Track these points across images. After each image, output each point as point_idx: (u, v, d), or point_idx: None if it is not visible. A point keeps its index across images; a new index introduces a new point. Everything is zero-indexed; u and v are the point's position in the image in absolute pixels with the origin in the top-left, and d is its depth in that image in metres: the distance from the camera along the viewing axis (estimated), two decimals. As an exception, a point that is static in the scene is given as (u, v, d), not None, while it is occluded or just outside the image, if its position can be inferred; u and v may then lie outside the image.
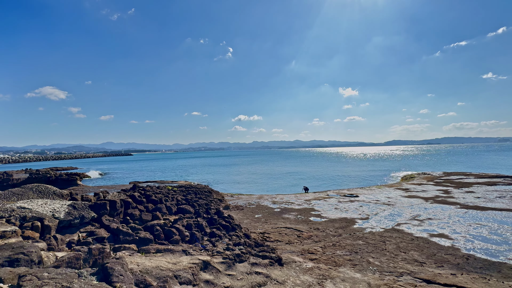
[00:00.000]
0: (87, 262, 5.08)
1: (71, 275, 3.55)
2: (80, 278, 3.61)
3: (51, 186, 11.63)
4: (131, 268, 5.75)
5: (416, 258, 10.63)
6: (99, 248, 5.67)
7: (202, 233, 10.14)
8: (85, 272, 4.02)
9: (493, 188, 26.85)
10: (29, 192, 10.49)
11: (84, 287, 3.24)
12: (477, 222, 15.76)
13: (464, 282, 8.31)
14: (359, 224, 16.12)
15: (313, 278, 8.37)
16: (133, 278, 4.52)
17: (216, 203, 17.73)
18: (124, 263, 4.76)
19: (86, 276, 3.87)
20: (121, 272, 4.32)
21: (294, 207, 21.22)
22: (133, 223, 9.85)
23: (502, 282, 8.53)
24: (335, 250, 11.41)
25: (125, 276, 4.29)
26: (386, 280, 8.53)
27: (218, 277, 7.23)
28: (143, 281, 4.62)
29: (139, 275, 4.80)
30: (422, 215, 17.65)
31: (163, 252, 7.82)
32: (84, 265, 4.95)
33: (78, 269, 4.21)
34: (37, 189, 10.82)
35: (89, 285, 3.35)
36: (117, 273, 4.22)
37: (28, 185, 11.18)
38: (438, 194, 24.67)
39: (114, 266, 4.40)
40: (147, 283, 4.60)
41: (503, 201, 20.88)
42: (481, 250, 11.73)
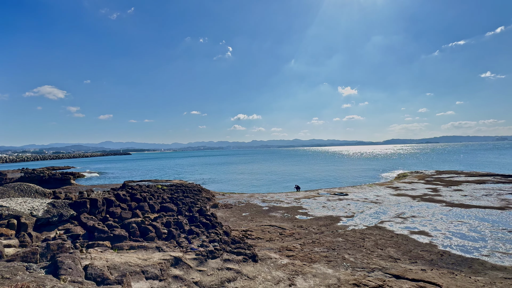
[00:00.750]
0: (45, 256, 5.24)
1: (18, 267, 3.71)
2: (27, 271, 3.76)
3: (34, 185, 11.78)
4: (97, 264, 5.92)
5: (391, 255, 10.85)
6: (58, 244, 5.84)
7: (180, 230, 10.33)
8: (35, 266, 4.18)
9: (481, 186, 27.13)
10: (10, 190, 10.64)
11: (27, 279, 3.41)
12: (459, 220, 16.01)
13: (431, 277, 8.53)
14: (343, 222, 16.34)
15: (285, 274, 8.56)
16: (83, 272, 4.70)
17: (203, 201, 17.90)
18: (76, 258, 4.95)
19: (35, 269, 4.03)
20: (70, 265, 4.50)
21: (282, 205, 21.42)
22: (112, 221, 10.03)
23: (469, 277, 8.76)
24: (313, 247, 11.62)
25: (74, 269, 4.46)
26: (357, 275, 8.74)
27: (188, 272, 7.42)
28: (100, 275, 4.81)
29: (97, 269, 4.99)
30: (406, 213, 17.88)
31: (137, 248, 8.00)
32: (42, 259, 5.12)
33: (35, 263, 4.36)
34: (19, 188, 10.98)
35: (32, 277, 3.52)
36: (66, 267, 4.40)
37: (10, 184, 11.34)
38: (426, 193, 24.93)
39: (64, 260, 4.57)
40: (105, 277, 4.79)
41: (489, 199, 21.15)
42: (458, 246, 11.96)
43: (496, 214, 17.01)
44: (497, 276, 8.93)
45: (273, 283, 7.81)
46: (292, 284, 7.89)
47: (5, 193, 10.10)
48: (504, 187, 26.33)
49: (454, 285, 8.00)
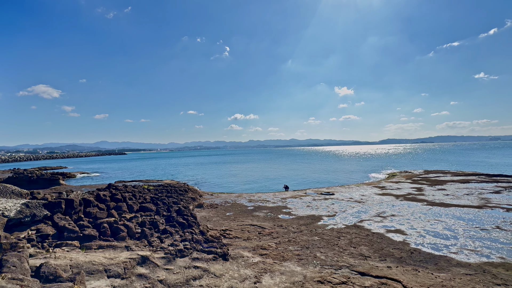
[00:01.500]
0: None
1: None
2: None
3: (10, 185, 11.80)
4: (59, 263, 6.06)
5: (363, 253, 11.12)
6: (12, 243, 5.96)
7: (155, 230, 10.48)
8: (-22, 264, 4.32)
9: (465, 185, 27.70)
10: (-15, 191, 10.70)
11: (-36, 277, 3.56)
12: (436, 218, 16.40)
13: (394, 274, 8.81)
14: (324, 221, 16.62)
15: (253, 272, 8.77)
16: (28, 270, 4.84)
17: (187, 201, 18.05)
18: (22, 256, 5.09)
19: (-22, 267, 4.17)
20: (15, 263, 4.65)
21: (268, 205, 21.65)
22: (86, 221, 10.13)
23: (431, 273, 9.06)
24: (288, 245, 11.85)
25: (18, 267, 4.61)
26: (324, 273, 8.98)
27: (154, 271, 7.58)
28: (53, 273, 4.96)
29: (51, 268, 5.12)
30: (387, 212, 18.24)
31: (105, 248, 8.14)
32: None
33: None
34: (-6, 189, 11.06)
35: (-29, 275, 3.66)
36: (10, 265, 4.55)
37: (-14, 184, 11.40)
38: (410, 192, 25.38)
39: (9, 259, 4.72)
40: (57, 275, 4.94)
41: (469, 198, 21.64)
42: (429, 244, 12.29)
43: (473, 212, 17.46)
44: (459, 272, 9.25)
45: (239, 281, 8.01)
46: (258, 281, 8.10)
47: (-21, 193, 10.21)
48: (486, 186, 26.93)
49: (414, 281, 8.29)
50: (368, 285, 8.11)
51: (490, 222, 15.35)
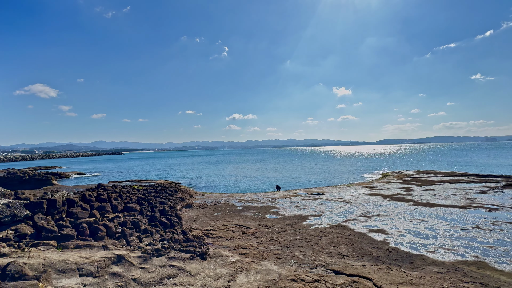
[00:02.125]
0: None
1: None
2: None
3: (-6, 185, 11.90)
4: (33, 262, 6.20)
5: (341, 252, 11.34)
6: None
7: (136, 230, 10.62)
8: None
9: (453, 186, 28.07)
10: (-34, 191, 10.78)
11: None
12: (419, 218, 16.67)
13: (367, 272, 9.03)
14: (309, 220, 16.83)
15: (229, 270, 8.95)
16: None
17: (175, 201, 18.18)
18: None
19: None
20: None
21: (257, 205, 21.82)
22: (67, 221, 10.25)
23: (404, 272, 9.29)
24: (269, 245, 12.04)
25: None
26: (299, 271, 9.18)
27: (129, 270, 7.73)
28: (19, 271, 5.09)
29: (18, 266, 5.26)
30: (373, 212, 18.49)
31: (82, 247, 8.27)
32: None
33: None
34: (-23, 189, 11.12)
35: None
36: None
37: (-31, 185, 11.46)
38: (399, 192, 25.69)
39: None
40: (23, 273, 5.08)
41: (455, 198, 21.98)
42: (408, 243, 12.54)
43: (456, 212, 17.76)
44: (431, 270, 9.49)
45: (213, 279, 8.18)
46: (232, 280, 8.27)
47: (-39, 194, 10.28)
48: (474, 186, 27.32)
49: (385, 280, 8.51)
50: (340, 283, 8.32)
51: (471, 222, 15.65)
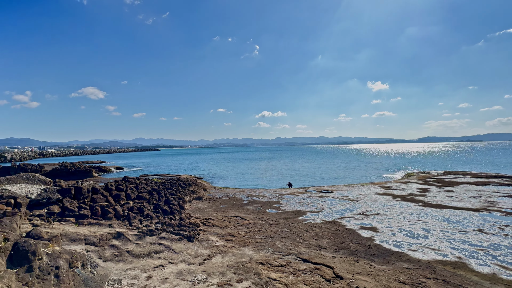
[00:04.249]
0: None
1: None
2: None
3: (38, 174, 15.05)
4: (53, 231, 8.30)
5: (320, 244, 12.06)
6: (12, 211, 8.30)
7: (140, 214, 12.62)
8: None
9: (479, 188, 25.98)
10: (19, 179, 13.89)
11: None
12: (420, 219, 16.31)
13: (332, 262, 9.74)
14: (306, 216, 17.53)
15: (209, 251, 10.38)
16: (16, 228, 6.99)
17: (185, 193, 20.24)
18: (13, 219, 7.30)
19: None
20: (6, 223, 6.83)
21: (262, 200, 22.99)
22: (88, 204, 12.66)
23: (369, 264, 9.79)
24: (256, 234, 13.22)
25: (8, 225, 6.79)
26: (270, 257, 10.24)
27: (125, 244, 9.60)
28: (38, 234, 7.06)
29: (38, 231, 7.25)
30: (374, 211, 18.44)
31: (93, 224, 10.38)
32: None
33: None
34: (26, 177, 14.24)
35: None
36: (3, 223, 6.71)
37: (21, 174, 14.71)
38: (413, 192, 24.70)
39: (4, 220, 6.91)
40: (40, 236, 7.03)
41: (472, 201, 20.64)
42: (394, 241, 12.68)
43: (465, 215, 16.92)
44: (400, 266, 9.82)
45: (192, 257, 9.69)
46: (208, 259, 9.69)
47: (14, 180, 13.37)
48: (503, 189, 25.01)
49: (345, 269, 9.18)
50: (302, 269, 9.22)
51: (476, 225, 14.95)
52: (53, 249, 6.59)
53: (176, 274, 8.35)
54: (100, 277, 7.48)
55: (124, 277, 7.93)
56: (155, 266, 8.72)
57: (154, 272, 8.44)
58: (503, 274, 9.29)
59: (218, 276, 8.37)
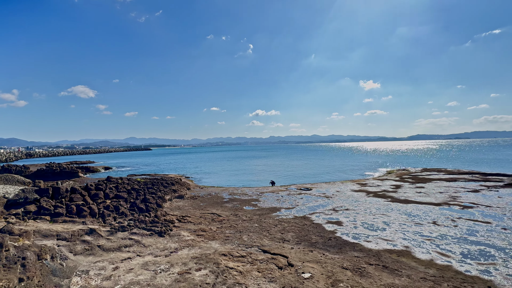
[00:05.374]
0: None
1: None
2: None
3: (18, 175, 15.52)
4: (27, 229, 8.95)
5: (285, 237, 13.03)
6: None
7: (116, 212, 13.32)
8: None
9: (448, 184, 27.58)
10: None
11: None
12: (384, 213, 17.52)
13: (288, 252, 10.72)
14: (280, 212, 18.52)
15: (177, 245, 11.21)
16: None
17: (165, 192, 20.96)
18: None
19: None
20: None
21: (243, 198, 23.90)
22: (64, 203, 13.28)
23: (322, 254, 10.81)
24: (227, 229, 14.10)
25: None
26: (234, 249, 11.14)
27: (97, 239, 10.33)
28: (9, 230, 7.74)
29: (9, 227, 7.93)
30: (344, 206, 19.59)
31: (67, 222, 11.04)
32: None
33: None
34: (5, 178, 14.71)
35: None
36: None
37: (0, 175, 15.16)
38: (386, 189, 26.06)
39: None
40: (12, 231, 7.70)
41: (437, 196, 22.06)
42: (354, 234, 13.76)
43: (426, 209, 18.23)
44: (351, 255, 10.86)
45: (160, 250, 10.50)
46: (174, 252, 10.52)
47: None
48: (470, 185, 26.65)
49: (297, 258, 10.16)
50: (260, 259, 10.16)
51: (433, 218, 16.22)
52: (23, 242, 7.29)
53: (142, 265, 9.15)
54: (69, 268, 8.22)
55: (92, 268, 8.69)
56: (123, 259, 9.49)
57: (122, 264, 9.22)
58: (439, 259, 10.44)
59: (180, 266, 9.21)
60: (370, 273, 9.01)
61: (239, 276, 8.66)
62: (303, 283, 8.24)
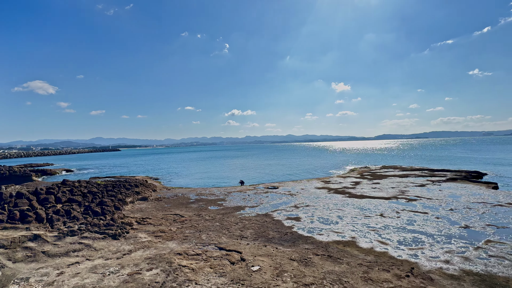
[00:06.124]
0: None
1: None
2: None
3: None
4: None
5: (243, 234, 13.50)
6: None
7: (67, 216, 12.74)
8: None
9: (401, 179, 30.30)
10: None
11: None
12: (340, 208, 18.83)
13: (243, 248, 11.19)
14: (243, 211, 18.98)
15: (132, 247, 11.09)
16: None
17: (127, 195, 20.33)
18: None
19: None
20: None
21: (210, 198, 23.98)
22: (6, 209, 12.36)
23: (276, 248, 11.46)
24: (187, 229, 14.19)
25: None
26: (190, 248, 11.32)
27: (42, 245, 9.86)
28: None
29: None
30: (305, 203, 20.66)
31: (8, 229, 10.37)
32: None
33: None
34: None
35: None
36: None
37: None
38: (346, 186, 27.89)
39: None
40: None
41: (388, 191, 24.19)
42: (309, 228, 14.66)
43: (377, 203, 19.93)
44: (302, 247, 11.64)
45: (112, 253, 10.33)
46: (127, 254, 10.42)
47: None
48: (419, 180, 29.54)
49: (251, 253, 10.67)
50: (214, 256, 10.48)
51: (381, 210, 17.83)
52: (-52, 252, 6.80)
53: (90, 269, 8.96)
54: (6, 276, 7.80)
55: (34, 275, 8.32)
56: (70, 264, 9.20)
57: (68, 268, 8.94)
58: (378, 247, 11.63)
59: (131, 267, 9.19)
60: (314, 263, 9.80)
61: (190, 273, 8.90)
62: (251, 275, 8.74)
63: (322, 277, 8.68)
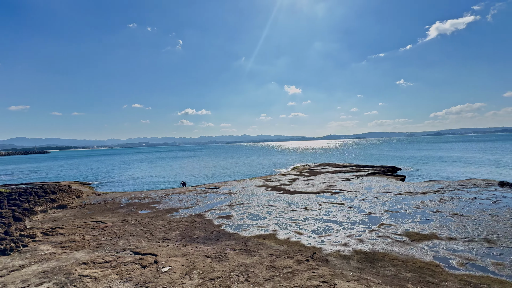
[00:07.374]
0: None
1: None
2: None
3: None
4: None
5: (167, 236, 13.16)
6: None
7: None
8: None
9: (332, 175, 33.63)
10: None
11: None
12: (272, 204, 19.89)
13: (159, 250, 10.95)
14: (176, 212, 18.48)
15: (26, 262, 9.78)
16: None
17: (37, 203, 17.76)
18: None
19: None
20: None
21: (143, 201, 22.61)
22: None
23: (196, 247, 11.51)
24: (104, 236, 13.15)
25: None
26: (101, 256, 10.53)
27: None
28: None
29: None
30: (241, 201, 21.20)
31: None
32: None
33: None
34: None
35: None
36: None
37: None
38: (284, 183, 29.63)
39: None
40: None
41: (319, 186, 26.60)
42: (237, 225, 15.07)
43: (306, 197, 21.70)
44: (223, 244, 11.93)
45: None
46: (17, 269, 9.14)
47: None
48: (346, 175, 33.24)
49: (166, 254, 10.53)
50: (126, 261, 9.97)
51: (306, 204, 19.46)
52: None
53: (-43, 293, 7.59)
54: None
55: None
56: None
57: None
58: (294, 237, 12.69)
59: (16, 284, 8.10)
60: (228, 258, 10.18)
61: (91, 283, 8.30)
62: (158, 277, 8.61)
63: (231, 270, 9.08)
